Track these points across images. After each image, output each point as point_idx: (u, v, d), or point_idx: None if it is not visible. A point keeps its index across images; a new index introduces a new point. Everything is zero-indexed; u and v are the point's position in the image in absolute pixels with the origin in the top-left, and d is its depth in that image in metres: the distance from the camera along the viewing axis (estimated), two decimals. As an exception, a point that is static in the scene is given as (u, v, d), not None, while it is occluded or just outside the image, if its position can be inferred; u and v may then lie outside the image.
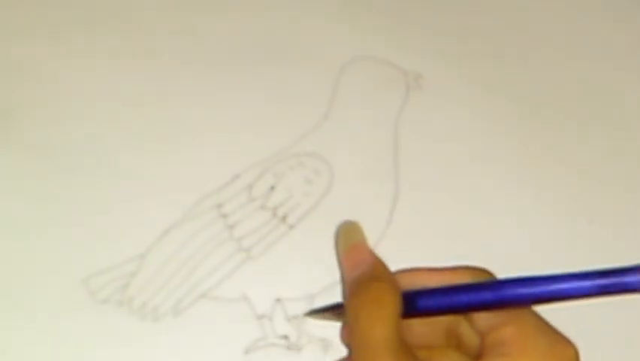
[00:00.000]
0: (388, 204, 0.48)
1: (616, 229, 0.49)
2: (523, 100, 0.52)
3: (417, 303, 0.38)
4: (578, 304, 0.36)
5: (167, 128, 0.48)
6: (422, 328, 0.40)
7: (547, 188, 0.50)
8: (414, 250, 0.47)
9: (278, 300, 0.45)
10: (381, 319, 0.36)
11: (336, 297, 0.45)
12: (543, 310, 0.37)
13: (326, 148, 0.48)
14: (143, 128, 0.48)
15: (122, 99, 0.48)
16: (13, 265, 0.45)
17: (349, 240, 0.41)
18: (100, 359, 0.44)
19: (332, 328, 0.45)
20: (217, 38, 0.50)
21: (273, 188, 0.46)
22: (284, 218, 0.46)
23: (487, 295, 0.37)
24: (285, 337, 0.45)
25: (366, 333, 0.36)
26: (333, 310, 0.42)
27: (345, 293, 0.39)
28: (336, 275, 0.45)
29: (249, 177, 0.47)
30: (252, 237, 0.45)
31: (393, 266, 0.46)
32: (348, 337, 0.38)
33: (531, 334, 0.36)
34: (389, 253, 0.46)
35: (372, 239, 0.46)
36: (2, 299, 0.44)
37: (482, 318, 0.38)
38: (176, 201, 0.46)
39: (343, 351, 0.44)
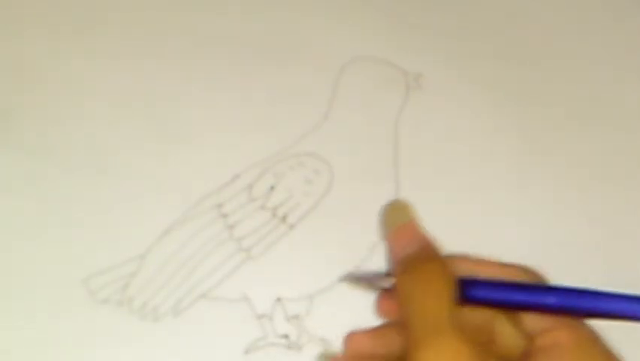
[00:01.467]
0: (388, 204, 0.48)
1: (616, 228, 0.49)
2: (523, 100, 0.52)
3: (468, 291, 0.38)
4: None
5: (167, 128, 0.48)
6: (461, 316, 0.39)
7: (547, 188, 0.50)
8: (414, 250, 0.46)
9: (278, 300, 0.45)
10: (437, 296, 0.35)
11: (336, 297, 0.45)
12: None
13: (326, 148, 0.48)
14: (143, 128, 0.48)
15: (122, 99, 0.48)
16: (13, 265, 0.45)
17: (399, 219, 0.41)
18: (100, 359, 0.44)
19: (332, 327, 0.45)
20: (217, 38, 0.50)
21: (273, 188, 0.46)
22: (284, 218, 0.46)
23: (551, 300, 0.37)
24: (285, 336, 0.45)
25: (424, 309, 0.35)
26: (370, 279, 0.41)
27: (394, 271, 0.38)
28: (336, 275, 0.45)
29: (249, 177, 0.47)
30: (252, 237, 0.45)
31: (393, 266, 0.46)
32: (400, 311, 0.38)
33: (586, 343, 0.36)
34: (389, 253, 0.46)
35: (372, 239, 0.46)
36: (2, 299, 0.44)
37: (534, 320, 0.38)
38: (176, 201, 0.46)
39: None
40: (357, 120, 0.49)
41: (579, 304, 0.36)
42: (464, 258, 0.40)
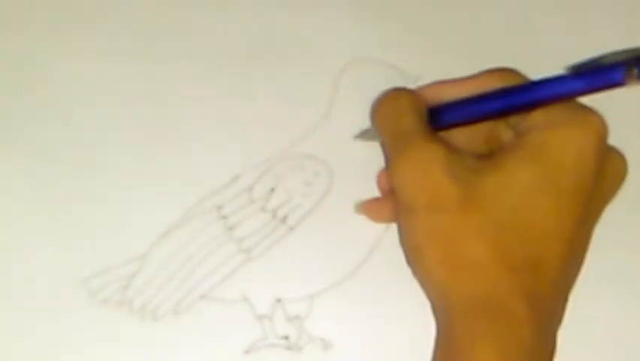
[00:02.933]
0: (388, 205, 0.48)
1: (615, 227, 0.49)
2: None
3: (443, 116, 0.38)
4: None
5: (167, 128, 0.48)
6: (461, 137, 0.40)
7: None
8: (413, 250, 0.47)
9: (278, 300, 0.45)
10: (405, 114, 0.37)
11: (336, 297, 0.46)
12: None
13: (326, 149, 0.48)
14: (143, 128, 0.48)
15: (122, 99, 0.48)
16: (12, 265, 0.45)
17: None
18: (100, 359, 0.44)
19: (333, 328, 0.45)
20: (217, 38, 0.50)
21: (273, 189, 0.46)
22: (284, 219, 0.46)
23: (496, 104, 0.38)
24: (285, 337, 0.45)
25: (394, 129, 0.37)
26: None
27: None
28: (336, 276, 0.46)
29: (249, 179, 0.47)
30: (252, 238, 0.45)
31: (393, 266, 0.46)
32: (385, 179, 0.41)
33: (557, 113, 0.38)
34: (389, 253, 0.46)
35: (372, 239, 0.46)
36: (2, 299, 0.44)
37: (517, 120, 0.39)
38: (176, 202, 0.46)
39: (343, 352, 0.45)
40: (357, 121, 0.49)
41: (530, 99, 0.38)
42: (438, 84, 0.41)
